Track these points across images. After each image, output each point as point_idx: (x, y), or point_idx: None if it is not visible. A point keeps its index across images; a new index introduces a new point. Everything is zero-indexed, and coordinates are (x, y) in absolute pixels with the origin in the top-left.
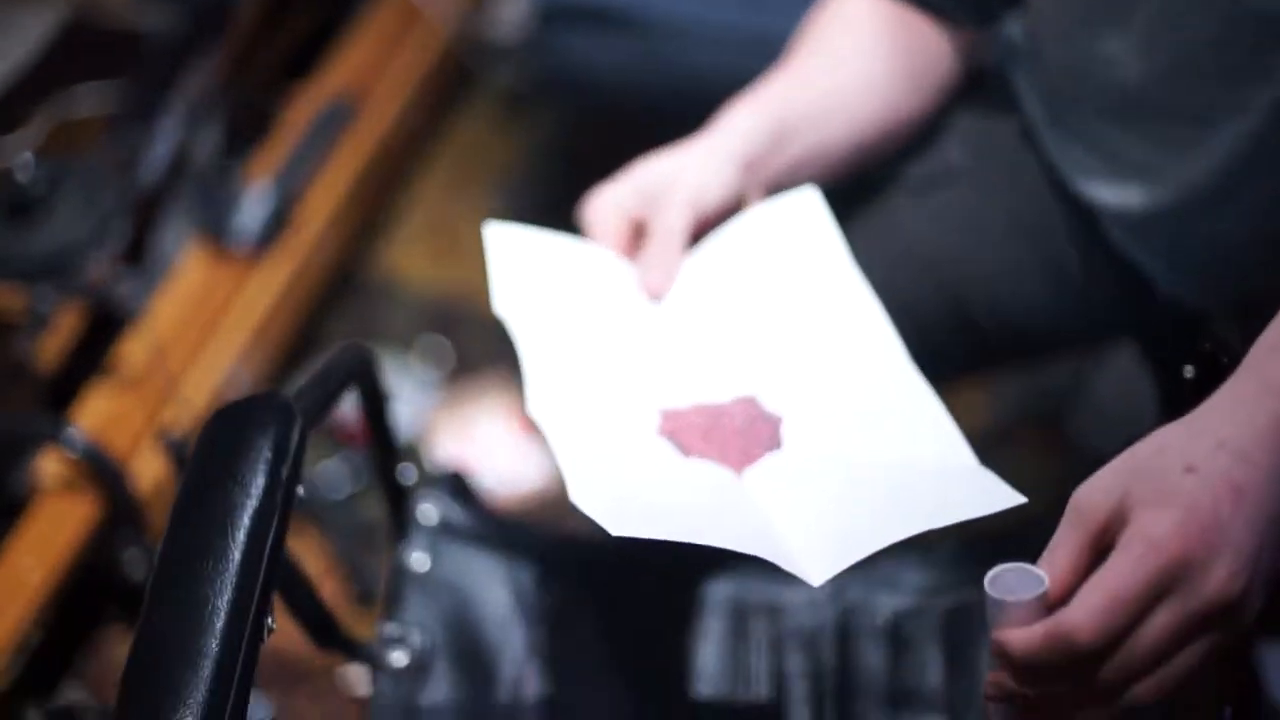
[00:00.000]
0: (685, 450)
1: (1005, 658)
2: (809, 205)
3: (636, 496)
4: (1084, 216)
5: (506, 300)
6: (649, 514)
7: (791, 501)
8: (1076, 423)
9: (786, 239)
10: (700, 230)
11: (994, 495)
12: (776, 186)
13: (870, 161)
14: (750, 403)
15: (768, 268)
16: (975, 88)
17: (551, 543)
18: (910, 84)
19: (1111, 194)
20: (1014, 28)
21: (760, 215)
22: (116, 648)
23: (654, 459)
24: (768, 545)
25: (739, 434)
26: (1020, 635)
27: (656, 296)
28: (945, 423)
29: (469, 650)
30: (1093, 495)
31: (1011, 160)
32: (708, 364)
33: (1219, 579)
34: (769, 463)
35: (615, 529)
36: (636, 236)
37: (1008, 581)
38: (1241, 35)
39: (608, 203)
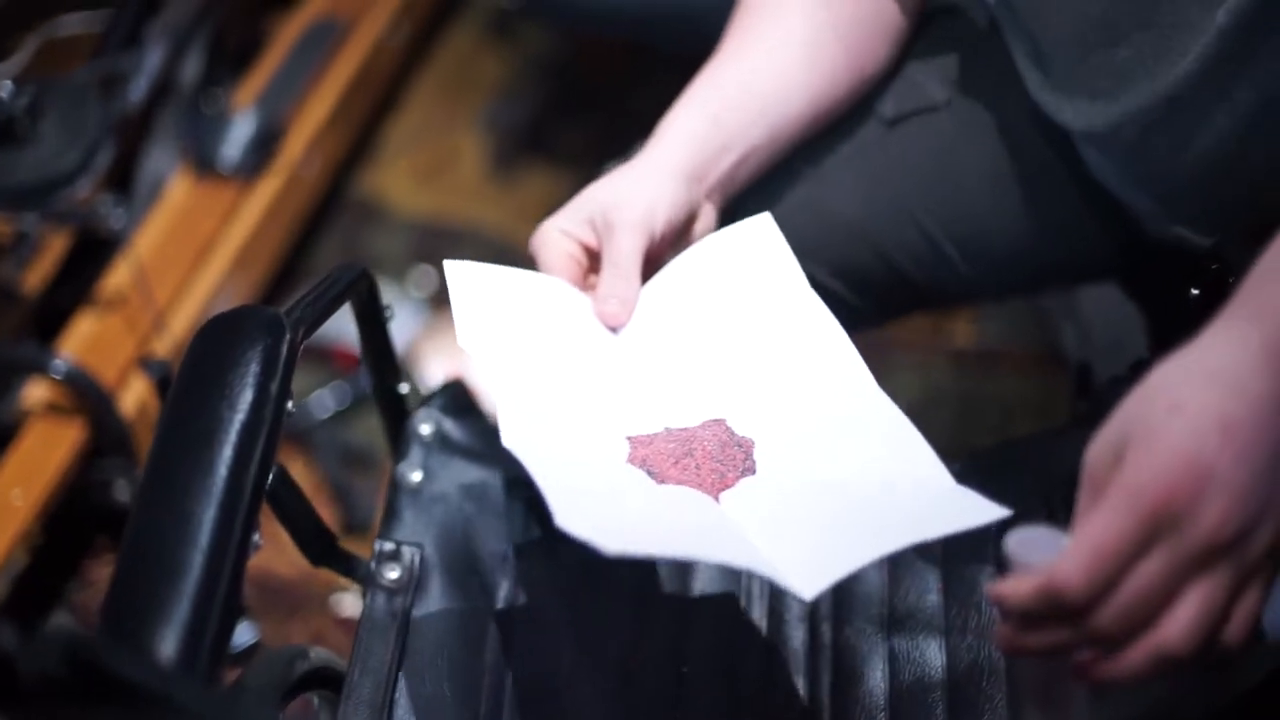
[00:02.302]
0: (659, 478)
1: (1002, 611)
2: (764, 231)
3: (622, 518)
4: (1066, 151)
5: (471, 336)
6: (638, 534)
7: (773, 522)
8: (1066, 343)
9: (743, 265)
10: (656, 250)
11: (976, 509)
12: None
13: (833, 122)
14: (720, 425)
15: (727, 293)
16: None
17: None
18: (863, 36)
19: (1076, 115)
20: None
21: (715, 242)
22: (105, 576)
23: (629, 488)
24: (757, 560)
25: (712, 458)
26: (1013, 588)
27: (615, 326)
28: (918, 442)
29: (462, 564)
30: (1096, 451)
31: (994, 94)
32: (673, 389)
33: (1210, 521)
34: (745, 486)
35: (609, 548)
36: (592, 264)
37: (1030, 541)
38: None
39: (556, 234)
